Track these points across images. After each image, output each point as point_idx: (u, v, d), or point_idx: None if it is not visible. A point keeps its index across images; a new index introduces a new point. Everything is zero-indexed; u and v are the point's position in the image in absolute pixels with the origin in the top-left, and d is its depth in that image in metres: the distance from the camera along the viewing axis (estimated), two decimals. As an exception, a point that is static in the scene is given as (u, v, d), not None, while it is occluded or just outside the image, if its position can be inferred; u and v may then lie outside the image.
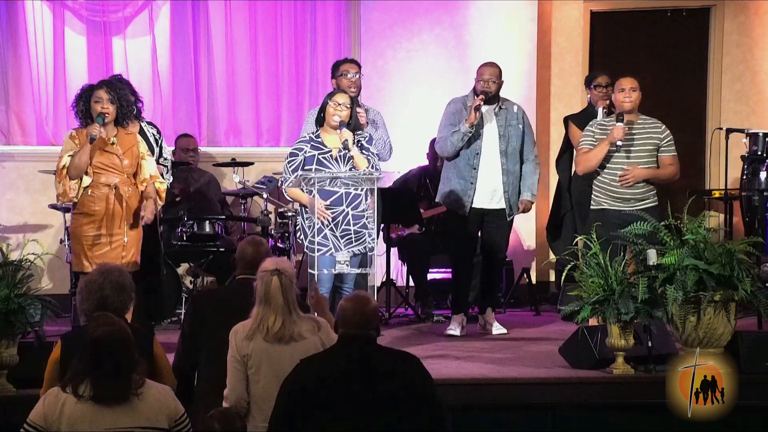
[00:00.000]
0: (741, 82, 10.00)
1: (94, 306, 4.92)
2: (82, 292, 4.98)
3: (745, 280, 6.08)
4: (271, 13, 9.61)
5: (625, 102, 7.17)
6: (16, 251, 6.94)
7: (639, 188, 7.17)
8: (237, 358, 4.84)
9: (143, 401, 4.18)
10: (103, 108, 6.54)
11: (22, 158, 9.24)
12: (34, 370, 5.84)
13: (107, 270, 5.04)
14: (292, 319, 4.85)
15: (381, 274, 8.51)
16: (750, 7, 9.95)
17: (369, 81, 8.90)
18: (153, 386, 4.27)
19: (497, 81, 7.70)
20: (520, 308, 9.15)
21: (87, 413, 4.12)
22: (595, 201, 7.27)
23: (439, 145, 7.74)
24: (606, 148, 7.12)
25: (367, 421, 4.25)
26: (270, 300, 4.83)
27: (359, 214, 6.75)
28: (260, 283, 4.87)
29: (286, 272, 4.87)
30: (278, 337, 4.82)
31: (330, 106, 6.83)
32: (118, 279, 4.99)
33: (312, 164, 6.77)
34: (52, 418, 4.13)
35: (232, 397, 4.84)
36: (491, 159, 7.68)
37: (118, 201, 6.56)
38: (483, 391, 6.18)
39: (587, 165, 7.25)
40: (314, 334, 4.88)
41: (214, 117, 9.60)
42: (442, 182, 7.84)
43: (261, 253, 5.35)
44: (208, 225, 8.47)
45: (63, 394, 4.15)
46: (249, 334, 4.84)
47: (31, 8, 9.25)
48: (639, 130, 7.21)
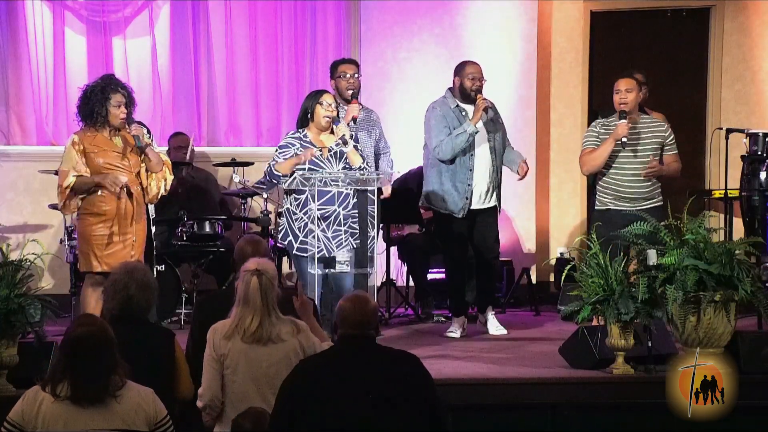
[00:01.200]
0: (741, 82, 9.99)
1: (119, 305, 4.95)
2: (107, 292, 4.99)
3: (745, 280, 6.07)
4: (271, 14, 9.61)
5: (620, 104, 7.18)
6: (16, 251, 6.94)
7: (646, 187, 7.18)
8: (214, 357, 4.84)
9: (121, 403, 4.15)
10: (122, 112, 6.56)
11: (22, 158, 9.24)
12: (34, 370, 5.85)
13: (132, 269, 5.07)
14: (270, 320, 4.84)
15: (381, 274, 8.51)
16: (750, 7, 9.95)
17: (369, 81, 8.91)
18: (133, 388, 4.23)
19: (483, 78, 7.72)
20: (520, 308, 9.15)
21: (62, 413, 4.10)
22: (600, 201, 7.28)
23: (438, 150, 7.67)
24: (611, 146, 7.13)
25: (367, 421, 4.25)
26: (249, 300, 4.83)
27: (349, 213, 6.77)
28: (241, 283, 4.87)
29: (267, 273, 4.87)
30: (256, 338, 4.82)
31: (320, 107, 6.86)
32: (143, 278, 5.03)
33: (305, 164, 6.77)
34: (30, 416, 4.12)
35: (206, 395, 4.83)
36: (484, 157, 7.70)
37: (130, 199, 6.58)
38: (483, 391, 6.17)
39: (593, 164, 7.24)
40: (293, 336, 4.87)
41: (214, 117, 9.60)
42: (429, 185, 7.76)
43: (260, 252, 5.35)
44: (208, 225, 8.46)
45: (42, 393, 4.14)
46: (227, 333, 4.84)
47: (31, 8, 9.25)
48: (644, 128, 7.23)
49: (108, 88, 6.68)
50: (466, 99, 7.73)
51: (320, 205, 6.67)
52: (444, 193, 7.69)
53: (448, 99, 7.77)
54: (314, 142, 6.84)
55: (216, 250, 8.44)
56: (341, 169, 6.79)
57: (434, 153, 7.71)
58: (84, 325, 4.20)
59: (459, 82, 7.76)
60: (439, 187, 7.71)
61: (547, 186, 9.80)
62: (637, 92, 7.23)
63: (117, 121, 6.59)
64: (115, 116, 6.58)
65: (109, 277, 5.19)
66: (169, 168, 6.91)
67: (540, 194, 9.82)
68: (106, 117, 6.58)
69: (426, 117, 7.80)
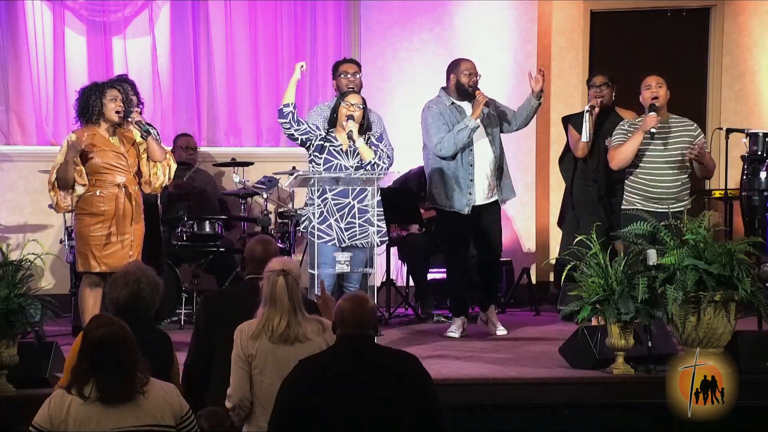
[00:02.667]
0: (741, 82, 9.99)
1: (129, 294, 4.97)
2: (117, 281, 5.01)
3: (745, 280, 6.08)
4: (271, 13, 9.61)
5: (652, 98, 7.16)
6: (16, 251, 6.95)
7: (675, 187, 7.16)
8: (242, 358, 4.84)
9: (149, 399, 4.18)
10: (118, 106, 6.56)
11: (22, 158, 9.24)
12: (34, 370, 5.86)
13: (145, 267, 5.14)
14: (297, 320, 4.84)
15: (381, 274, 8.51)
16: (750, 7, 9.95)
17: (369, 81, 8.90)
18: (157, 384, 4.27)
19: (478, 72, 7.73)
20: (520, 308, 9.15)
21: (93, 414, 4.11)
22: (628, 201, 7.25)
23: (439, 147, 7.68)
24: (640, 139, 7.11)
25: (367, 421, 4.24)
26: (276, 300, 4.82)
27: (364, 208, 6.78)
28: (266, 283, 4.86)
29: (292, 272, 4.86)
30: (283, 338, 4.81)
31: (343, 106, 6.88)
32: (155, 279, 5.11)
33: (321, 153, 6.82)
34: (58, 420, 4.12)
35: (235, 396, 4.84)
36: (483, 151, 7.70)
37: (128, 199, 6.58)
38: (483, 391, 6.17)
39: (621, 157, 7.20)
40: (319, 335, 4.87)
41: (214, 117, 9.60)
42: (434, 185, 7.77)
43: (270, 251, 5.34)
44: (208, 225, 8.47)
45: (68, 395, 4.15)
46: (254, 334, 4.83)
47: (31, 8, 9.25)
48: (674, 128, 7.23)
49: (105, 83, 6.69)
50: (462, 96, 7.73)
51: (334, 196, 6.73)
52: (447, 191, 7.69)
53: (443, 97, 7.77)
54: (339, 138, 6.90)
55: (216, 250, 8.45)
56: (355, 164, 6.82)
57: (435, 150, 7.70)
58: (104, 326, 4.22)
59: (455, 79, 7.77)
60: (442, 186, 7.71)
61: (547, 186, 9.80)
62: (666, 88, 7.24)
63: (112, 115, 6.57)
64: (110, 110, 6.57)
65: (121, 269, 5.21)
66: (172, 157, 6.92)
67: (540, 194, 9.82)
68: (101, 110, 6.57)
69: (423, 116, 7.80)
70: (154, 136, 6.80)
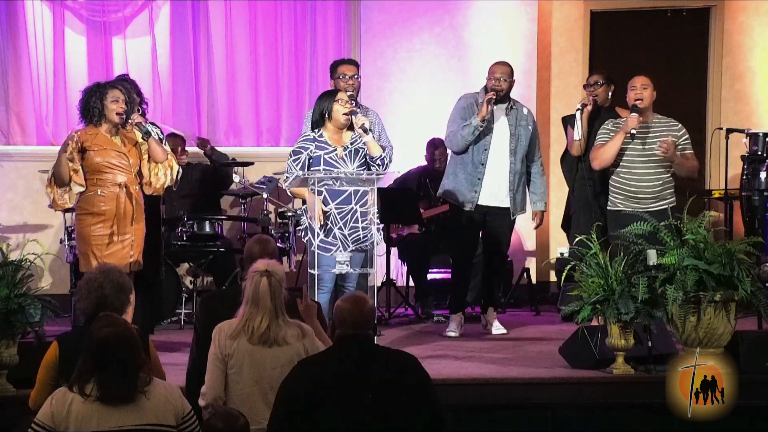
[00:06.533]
0: (741, 82, 9.99)
1: (93, 305, 4.92)
2: (81, 290, 4.97)
3: (745, 280, 6.07)
4: (271, 13, 9.62)
5: (636, 100, 7.17)
6: (16, 251, 6.94)
7: (656, 185, 7.18)
8: (219, 356, 4.83)
9: (150, 399, 4.19)
10: (119, 107, 6.56)
11: (22, 158, 9.25)
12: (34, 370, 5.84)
13: (108, 269, 5.04)
14: (278, 322, 4.82)
15: (381, 274, 8.51)
16: (750, 7, 9.95)
17: (369, 81, 8.91)
18: (159, 384, 4.27)
19: (508, 80, 7.70)
20: (520, 308, 9.15)
21: (94, 412, 4.12)
22: (611, 202, 7.29)
23: (449, 140, 7.72)
24: (621, 139, 7.14)
25: (366, 421, 4.24)
26: (258, 301, 4.81)
27: (366, 210, 6.74)
28: (249, 283, 4.85)
29: (276, 274, 4.85)
30: (263, 340, 4.80)
31: (337, 104, 6.82)
32: (119, 279, 4.98)
33: (319, 164, 6.73)
34: (60, 417, 4.13)
35: (209, 395, 4.82)
36: (500, 156, 7.68)
37: (129, 199, 6.58)
38: (483, 391, 6.17)
39: (603, 157, 7.24)
40: (299, 340, 4.85)
41: (214, 117, 9.60)
42: (447, 177, 7.82)
43: (268, 251, 5.32)
44: (208, 225, 8.47)
45: (70, 393, 4.16)
46: (233, 333, 4.82)
47: (31, 8, 9.26)
48: (656, 128, 7.23)
49: (107, 84, 6.69)
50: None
51: (337, 205, 6.64)
52: (455, 185, 7.71)
53: (479, 95, 7.74)
54: (330, 141, 6.79)
55: (216, 250, 8.45)
56: (356, 168, 6.77)
57: (446, 141, 7.79)
58: (109, 326, 4.22)
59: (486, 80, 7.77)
60: (453, 179, 7.74)
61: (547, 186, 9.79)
62: (652, 89, 7.25)
63: (113, 116, 6.57)
64: (111, 110, 6.57)
65: (83, 277, 5.17)
66: (175, 158, 6.92)
67: (540, 194, 9.81)
68: (102, 111, 6.58)
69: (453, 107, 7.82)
70: (155, 137, 6.80)
